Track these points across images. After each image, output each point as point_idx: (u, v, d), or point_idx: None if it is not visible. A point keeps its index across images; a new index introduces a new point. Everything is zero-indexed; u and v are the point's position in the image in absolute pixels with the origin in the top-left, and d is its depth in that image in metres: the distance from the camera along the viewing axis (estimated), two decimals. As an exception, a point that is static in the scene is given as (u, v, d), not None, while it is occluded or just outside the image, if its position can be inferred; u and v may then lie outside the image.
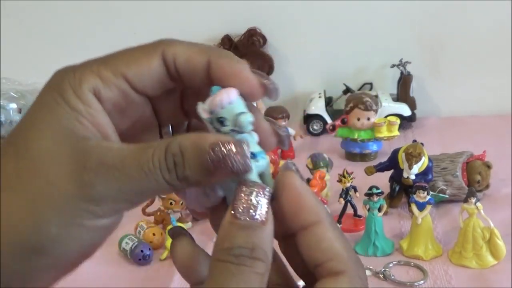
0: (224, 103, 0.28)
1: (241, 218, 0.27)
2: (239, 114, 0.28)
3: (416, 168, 0.89)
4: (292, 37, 1.37)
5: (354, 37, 1.35)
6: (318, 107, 1.28)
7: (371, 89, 1.34)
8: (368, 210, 0.82)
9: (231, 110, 0.28)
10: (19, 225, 0.28)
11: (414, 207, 0.81)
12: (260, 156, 0.29)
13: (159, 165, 0.28)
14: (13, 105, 1.16)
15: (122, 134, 0.31)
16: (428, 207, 0.81)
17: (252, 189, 0.28)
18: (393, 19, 1.34)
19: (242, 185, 0.28)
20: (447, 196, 0.90)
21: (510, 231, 0.83)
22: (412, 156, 0.88)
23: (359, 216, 0.89)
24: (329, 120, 1.25)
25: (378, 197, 0.82)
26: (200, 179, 0.28)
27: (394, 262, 0.79)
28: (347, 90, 1.30)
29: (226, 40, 1.31)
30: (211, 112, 0.29)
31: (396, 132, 1.10)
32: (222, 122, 0.28)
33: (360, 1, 1.32)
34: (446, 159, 0.96)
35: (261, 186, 0.28)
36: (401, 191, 0.93)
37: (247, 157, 0.27)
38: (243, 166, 0.27)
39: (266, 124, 0.31)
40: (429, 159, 0.90)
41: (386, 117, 1.15)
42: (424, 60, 1.35)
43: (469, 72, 1.36)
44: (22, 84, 1.23)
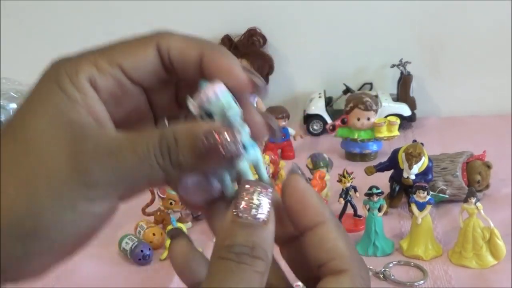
0: (212, 98, 0.29)
1: (243, 217, 0.27)
2: (226, 108, 0.29)
3: (416, 168, 0.89)
4: (292, 37, 1.37)
5: (354, 37, 1.35)
6: (318, 107, 1.28)
7: (371, 89, 1.34)
8: (368, 210, 0.82)
9: (218, 104, 0.29)
10: (14, 208, 0.28)
11: (414, 207, 0.81)
12: (251, 147, 0.30)
13: (153, 151, 0.28)
14: (13, 105, 1.16)
15: (117, 124, 0.31)
16: (428, 207, 0.81)
17: (255, 188, 0.28)
18: (393, 19, 1.34)
19: (245, 184, 0.28)
20: (447, 196, 0.90)
21: (510, 231, 0.83)
22: (412, 156, 0.88)
23: (359, 216, 0.89)
24: (329, 120, 1.25)
25: (378, 197, 0.82)
26: (193, 165, 0.29)
27: (394, 262, 0.79)
28: (347, 90, 1.30)
29: (226, 40, 1.31)
30: (200, 107, 0.29)
31: (396, 132, 1.10)
32: (210, 116, 0.29)
33: (360, 1, 1.32)
34: (446, 159, 0.96)
35: (264, 185, 0.28)
36: (401, 191, 0.93)
37: (238, 143, 0.28)
38: (235, 151, 0.28)
39: (258, 117, 0.31)
40: (429, 159, 0.90)
41: (386, 117, 1.15)
42: (424, 60, 1.35)
43: (469, 72, 1.36)
44: (22, 84, 1.22)
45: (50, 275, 0.82)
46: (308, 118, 1.29)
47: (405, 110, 1.25)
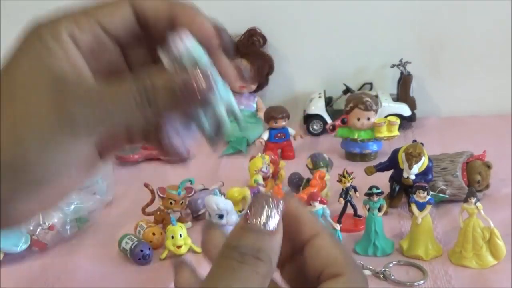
0: (181, 48, 0.31)
1: (253, 225, 0.29)
2: (195, 56, 0.31)
3: (416, 168, 0.89)
4: (292, 37, 1.37)
5: (354, 37, 1.35)
6: (318, 107, 1.28)
7: (371, 89, 1.34)
8: (368, 210, 0.82)
9: (188, 53, 0.31)
10: (2, 149, 0.30)
11: (414, 207, 0.81)
12: (223, 90, 0.32)
13: (132, 95, 0.30)
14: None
15: (95, 77, 0.32)
16: (428, 207, 0.81)
17: (267, 200, 0.29)
18: (393, 19, 1.34)
19: (258, 196, 0.30)
20: (447, 196, 0.90)
21: (510, 231, 0.83)
22: (412, 156, 0.88)
23: (359, 216, 0.89)
24: (329, 120, 1.25)
25: (378, 197, 0.82)
26: (171, 109, 0.31)
27: (394, 262, 0.79)
28: (347, 90, 1.30)
29: (226, 40, 1.31)
30: (171, 57, 0.31)
31: (396, 132, 1.10)
32: (182, 65, 0.31)
33: (360, 1, 1.33)
34: (446, 159, 0.96)
35: (276, 199, 0.30)
36: (401, 191, 0.93)
37: (211, 85, 0.30)
38: (209, 90, 0.30)
39: (226, 61, 0.34)
40: (429, 159, 0.90)
41: (386, 117, 1.15)
42: (424, 60, 1.35)
43: (469, 72, 1.36)
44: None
45: (50, 275, 0.82)
46: (308, 118, 1.29)
47: (405, 110, 1.25)
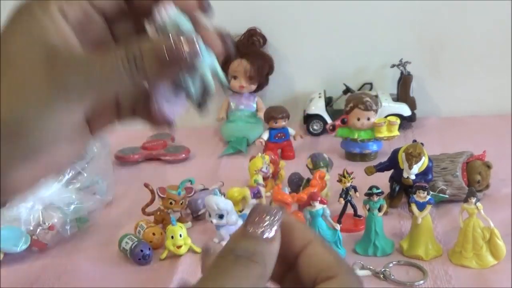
0: (165, 18, 0.33)
1: (251, 232, 0.30)
2: (179, 24, 0.33)
3: (416, 168, 0.89)
4: (292, 37, 1.37)
5: (354, 37, 1.35)
6: (318, 107, 1.28)
7: (371, 89, 1.34)
8: (368, 210, 0.82)
9: (172, 23, 0.33)
10: None
11: (414, 207, 0.81)
12: (207, 55, 0.34)
13: (120, 59, 0.32)
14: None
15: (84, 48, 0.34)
16: (428, 207, 0.81)
17: (267, 210, 0.31)
18: (393, 19, 1.34)
19: (258, 205, 0.32)
20: (447, 196, 0.90)
21: (510, 231, 0.83)
22: (412, 156, 0.88)
23: (359, 216, 0.89)
24: (329, 120, 1.25)
25: (378, 197, 0.82)
26: (158, 74, 0.33)
27: (394, 262, 0.79)
28: (347, 90, 1.30)
29: (226, 40, 1.31)
30: (156, 28, 0.33)
31: (396, 132, 1.10)
32: (165, 28, 0.33)
33: (360, 1, 1.32)
34: (446, 159, 0.96)
35: (276, 208, 0.31)
36: (401, 191, 0.93)
37: (196, 50, 0.32)
38: (194, 53, 0.32)
39: (209, 29, 0.36)
40: (429, 159, 0.90)
41: (386, 117, 1.15)
42: (424, 60, 1.35)
43: (469, 72, 1.36)
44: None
45: (50, 275, 0.82)
46: (308, 118, 1.29)
47: (405, 110, 1.25)
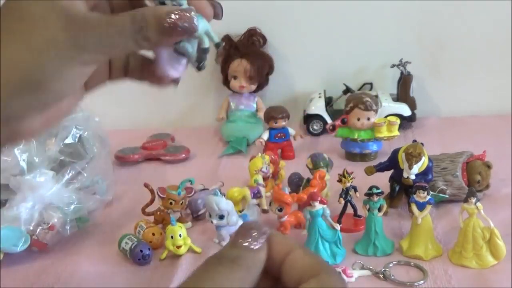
0: None
1: (239, 243, 0.32)
2: None
3: (416, 168, 0.88)
4: (292, 37, 1.37)
5: (354, 37, 1.35)
6: (318, 107, 1.28)
7: (371, 89, 1.34)
8: (368, 210, 0.82)
9: None
10: (22, 65, 0.36)
11: (414, 207, 0.81)
12: (200, 20, 0.39)
13: (127, 22, 0.37)
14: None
15: None
16: (428, 207, 0.81)
17: (255, 225, 0.33)
18: (393, 19, 1.34)
19: (247, 222, 0.34)
20: (447, 196, 0.90)
21: (510, 231, 0.83)
22: (412, 156, 0.88)
23: (359, 216, 0.89)
24: (329, 120, 1.25)
25: (378, 197, 0.82)
26: (159, 39, 0.38)
27: (394, 262, 0.79)
28: (347, 90, 1.30)
29: (226, 40, 1.31)
30: (155, 1, 0.39)
31: (396, 132, 1.10)
32: (163, 3, 0.38)
33: (360, 1, 1.32)
34: (446, 159, 0.96)
35: (263, 225, 0.33)
36: (401, 191, 0.93)
37: (193, 18, 0.37)
38: (191, 25, 0.37)
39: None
40: (429, 159, 0.90)
41: (386, 117, 1.15)
42: (424, 60, 1.35)
43: (469, 72, 1.36)
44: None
45: (50, 275, 0.82)
46: (308, 118, 1.29)
47: (405, 110, 1.25)
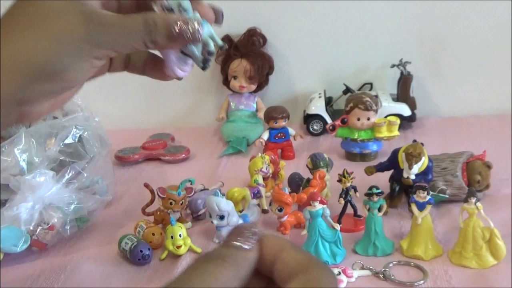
0: (167, 0, 0.42)
1: (230, 243, 0.33)
2: (179, 3, 0.42)
3: (416, 168, 0.88)
4: (292, 37, 1.37)
5: (354, 37, 1.35)
6: (318, 107, 1.28)
7: (371, 89, 1.34)
8: (368, 210, 0.82)
9: (173, 3, 0.42)
10: (42, 55, 0.40)
11: (414, 207, 0.81)
12: (205, 25, 0.44)
13: (139, 29, 0.41)
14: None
15: None
16: (428, 207, 0.81)
17: (247, 227, 0.33)
18: (393, 19, 1.34)
19: (240, 224, 0.35)
20: (447, 196, 0.90)
21: (510, 231, 0.83)
22: (412, 156, 0.88)
23: (359, 216, 0.89)
24: (329, 120, 1.25)
25: (378, 197, 0.82)
26: (166, 44, 0.43)
27: (394, 262, 0.79)
28: (347, 90, 1.30)
29: (226, 40, 1.31)
30: (161, 6, 0.43)
31: (396, 132, 1.10)
32: (171, 10, 0.43)
33: (360, 2, 1.33)
34: (446, 159, 0.96)
35: (255, 227, 0.34)
36: (401, 191, 0.93)
37: (198, 30, 0.42)
38: (196, 34, 0.42)
39: (205, 5, 0.45)
40: (429, 159, 0.90)
41: (386, 117, 1.15)
42: (424, 60, 1.35)
43: (469, 72, 1.36)
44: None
45: (50, 275, 0.82)
46: (308, 118, 1.29)
47: (405, 110, 1.25)
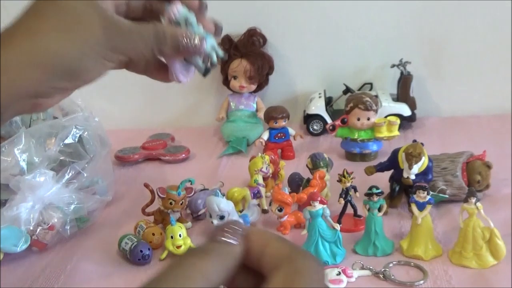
0: (176, 13, 0.48)
1: (215, 238, 0.33)
2: (186, 18, 0.48)
3: (416, 168, 0.88)
4: (292, 37, 1.37)
5: (354, 37, 1.35)
6: (318, 107, 1.28)
7: (371, 89, 1.34)
8: (368, 210, 0.82)
9: (180, 17, 0.48)
10: (65, 56, 0.44)
11: (414, 207, 0.81)
12: (208, 37, 0.49)
13: (151, 34, 0.47)
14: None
15: None
16: (428, 207, 0.81)
17: (233, 223, 0.34)
18: (393, 19, 1.34)
19: (227, 221, 0.34)
20: (447, 196, 0.90)
21: (510, 231, 0.83)
22: (412, 156, 0.88)
23: (359, 216, 0.89)
24: (329, 120, 1.25)
25: (378, 197, 0.82)
26: (171, 53, 0.49)
27: (394, 262, 0.79)
28: (347, 90, 1.30)
29: (226, 40, 1.31)
30: (169, 20, 0.48)
31: (396, 132, 1.10)
32: (178, 24, 0.48)
33: (360, 2, 1.32)
34: (446, 159, 0.96)
35: (241, 223, 0.34)
36: (401, 191, 0.93)
37: (201, 44, 0.48)
38: (199, 48, 0.49)
39: (208, 20, 0.51)
40: (429, 159, 0.90)
41: (386, 117, 1.15)
42: (424, 60, 1.35)
43: (469, 72, 1.36)
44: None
45: (50, 275, 0.82)
46: (308, 118, 1.29)
47: (405, 110, 1.25)
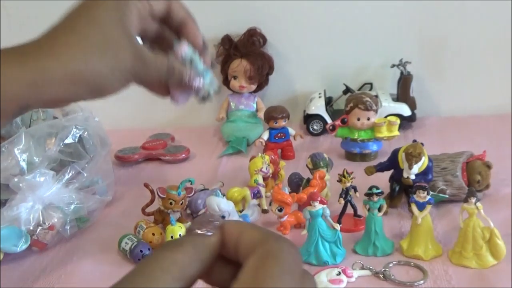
0: (183, 53, 0.52)
1: (191, 230, 0.33)
2: (192, 57, 0.53)
3: (416, 168, 0.89)
4: (292, 37, 1.37)
5: (354, 37, 1.35)
6: (318, 107, 1.28)
7: (371, 89, 1.34)
8: (368, 210, 0.82)
9: (187, 56, 0.52)
10: (97, 77, 0.46)
11: (414, 207, 0.81)
12: (208, 72, 0.54)
13: (164, 66, 0.50)
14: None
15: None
16: (428, 207, 0.81)
17: (209, 216, 0.35)
18: (393, 19, 1.34)
19: (203, 214, 0.35)
20: (447, 196, 0.90)
21: (510, 231, 0.83)
22: (412, 156, 0.88)
23: (359, 216, 0.89)
24: (329, 120, 1.25)
25: (378, 197, 0.82)
26: (175, 87, 0.52)
27: (394, 262, 0.79)
28: (347, 90, 1.30)
29: (226, 40, 1.31)
30: (176, 55, 0.52)
31: (396, 132, 1.10)
32: (184, 62, 0.52)
33: (360, 1, 1.32)
34: (446, 159, 0.96)
35: (216, 216, 0.35)
36: (401, 191, 0.93)
37: (202, 85, 0.52)
38: (199, 88, 0.52)
39: (207, 55, 0.55)
40: (429, 159, 0.90)
41: (386, 117, 1.15)
42: (424, 60, 1.35)
43: (469, 72, 1.36)
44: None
45: (50, 275, 0.82)
46: (308, 118, 1.29)
47: (405, 110, 1.25)
